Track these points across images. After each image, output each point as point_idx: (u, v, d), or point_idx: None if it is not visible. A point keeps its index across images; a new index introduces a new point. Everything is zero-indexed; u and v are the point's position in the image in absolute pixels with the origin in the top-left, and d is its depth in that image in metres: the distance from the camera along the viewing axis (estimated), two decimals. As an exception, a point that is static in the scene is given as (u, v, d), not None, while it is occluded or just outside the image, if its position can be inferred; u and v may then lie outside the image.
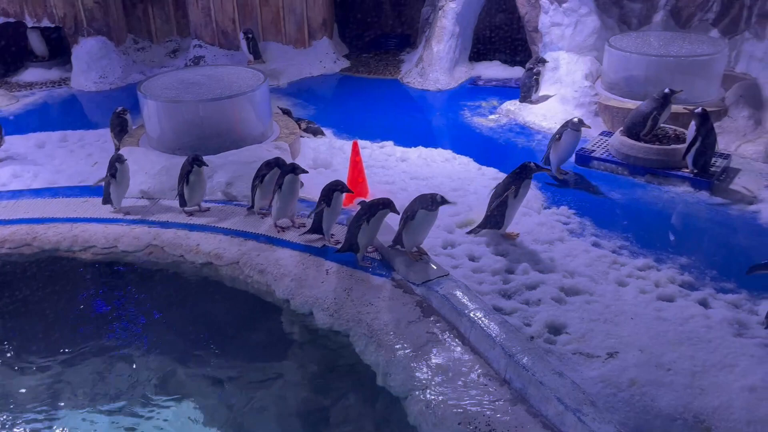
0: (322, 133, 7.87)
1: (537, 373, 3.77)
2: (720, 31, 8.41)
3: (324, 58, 10.73)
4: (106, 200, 6.14)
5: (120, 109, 7.45)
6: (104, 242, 5.74)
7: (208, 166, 5.99)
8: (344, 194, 5.39)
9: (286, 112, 8.15)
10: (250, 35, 10.36)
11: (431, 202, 4.82)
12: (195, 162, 5.88)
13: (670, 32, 8.47)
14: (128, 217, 6.04)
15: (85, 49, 10.37)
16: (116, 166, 5.94)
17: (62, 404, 4.28)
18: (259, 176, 5.77)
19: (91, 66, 10.30)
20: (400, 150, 7.37)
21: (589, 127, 6.84)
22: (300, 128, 7.72)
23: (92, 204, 6.32)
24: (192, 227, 5.83)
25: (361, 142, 6.71)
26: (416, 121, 8.69)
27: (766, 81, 7.48)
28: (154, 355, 4.64)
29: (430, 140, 7.69)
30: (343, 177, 6.10)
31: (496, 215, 5.35)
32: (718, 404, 3.69)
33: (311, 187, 6.03)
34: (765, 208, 5.85)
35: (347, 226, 5.24)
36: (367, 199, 5.96)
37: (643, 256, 5.19)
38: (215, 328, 4.93)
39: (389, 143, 7.56)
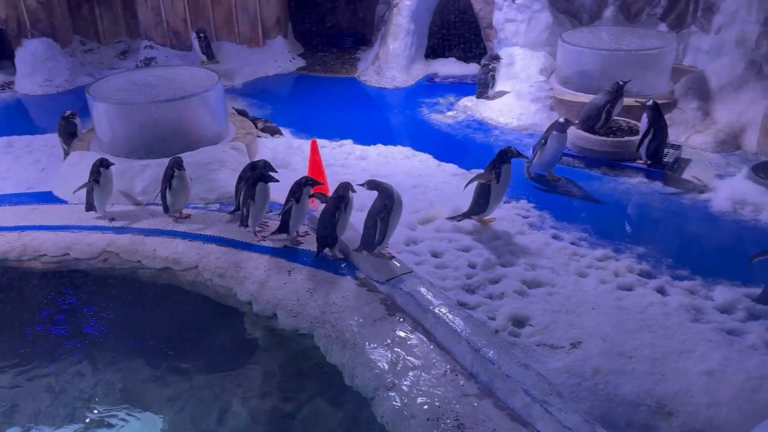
0: (280, 133, 7.77)
1: (503, 366, 3.78)
2: (668, 25, 8.63)
3: (279, 58, 10.61)
4: (90, 207, 5.92)
5: (68, 112, 7.20)
6: (55, 250, 5.54)
7: (185, 170, 5.74)
8: (312, 189, 5.33)
9: (242, 113, 8.02)
10: (203, 35, 10.17)
11: (387, 198, 4.82)
12: (176, 166, 5.66)
13: (620, 27, 8.65)
14: (114, 224, 5.85)
15: (29, 51, 10.01)
16: (100, 171, 5.73)
17: (12, 420, 4.10)
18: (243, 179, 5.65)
19: (36, 69, 9.95)
20: (359, 148, 7.34)
21: (576, 125, 6.78)
22: (257, 128, 7.61)
23: (41, 212, 6.10)
24: (148, 232, 5.68)
25: (319, 141, 6.65)
26: (375, 119, 8.67)
27: (713, 73, 7.70)
28: (111, 366, 4.48)
29: (389, 138, 7.68)
30: (303, 177, 6.03)
31: (481, 202, 5.42)
32: (678, 389, 3.77)
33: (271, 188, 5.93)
34: (716, 196, 6.02)
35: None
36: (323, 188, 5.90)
37: (601, 247, 5.28)
38: (175, 335, 4.80)
39: (348, 142, 7.51)
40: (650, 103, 6.43)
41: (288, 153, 7.09)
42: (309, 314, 4.59)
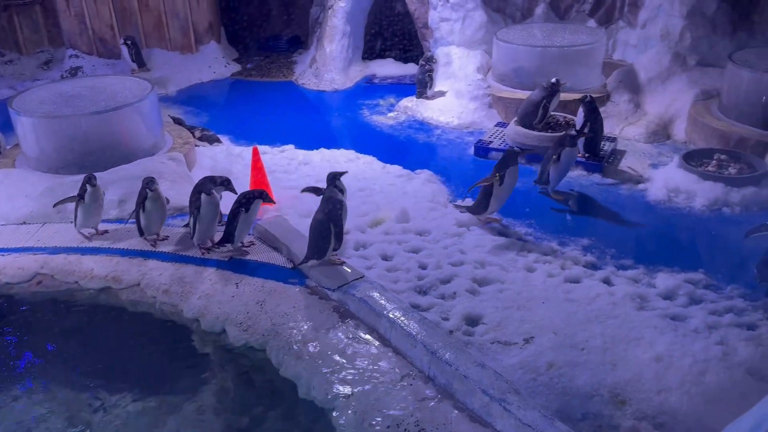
0: (219, 141, 7.58)
1: (460, 367, 3.78)
2: (596, 21, 8.89)
3: (213, 63, 10.36)
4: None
5: (-11, 128, 6.82)
6: (-17, 276, 5.21)
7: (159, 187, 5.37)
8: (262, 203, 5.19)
9: (178, 121, 7.78)
10: (131, 42, 9.81)
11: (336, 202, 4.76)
12: (149, 186, 5.26)
13: (552, 24, 8.85)
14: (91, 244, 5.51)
15: (-58, 65, 9.44)
16: (86, 187, 5.37)
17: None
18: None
19: (-49, 82, 9.39)
20: (301, 153, 7.24)
21: (591, 135, 6.45)
22: (194, 137, 7.40)
23: (-34, 235, 5.73)
24: (85, 251, 5.41)
25: (260, 148, 6.52)
26: (316, 123, 8.57)
27: (641, 66, 7.98)
28: (53, 395, 4.25)
29: (331, 141, 7.61)
30: (245, 184, 5.89)
31: (483, 202, 5.50)
32: (629, 377, 3.86)
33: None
34: (651, 186, 6.23)
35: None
36: (272, 206, 5.80)
37: (547, 241, 5.38)
38: (120, 358, 4.59)
39: (290, 147, 7.40)
40: (585, 97, 6.59)
41: (228, 161, 6.92)
42: (260, 327, 4.47)
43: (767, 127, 6.50)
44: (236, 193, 5.23)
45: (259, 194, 5.15)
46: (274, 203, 5.48)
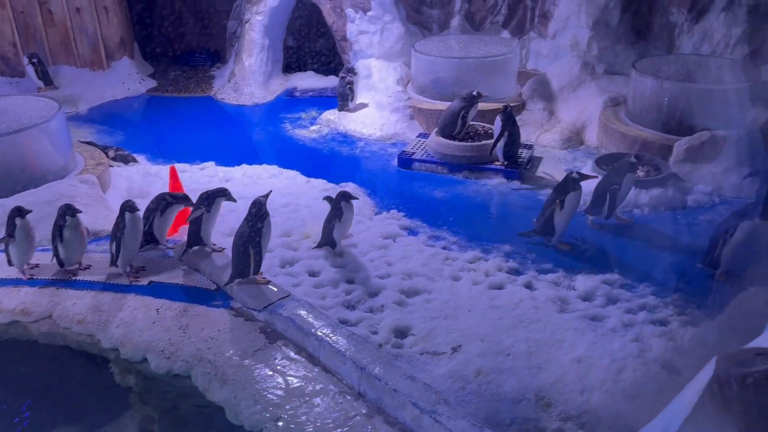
0: (134, 160, 7.32)
1: (390, 381, 3.78)
2: (510, 32, 9.19)
3: (127, 80, 10.00)
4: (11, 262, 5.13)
5: None
6: None
7: (81, 212, 5.06)
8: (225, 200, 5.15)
9: (89, 143, 7.45)
10: (36, 60, 9.33)
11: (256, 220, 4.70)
12: (68, 213, 4.93)
13: (468, 35, 9.08)
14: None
15: None
16: (15, 221, 4.92)
17: None
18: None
19: None
20: (222, 170, 7.08)
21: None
22: (108, 157, 7.10)
23: None
24: (-11, 283, 5.08)
25: (179, 166, 6.34)
26: (237, 139, 8.42)
27: (553, 75, 8.29)
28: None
29: (253, 157, 7.48)
30: (164, 205, 5.70)
31: (548, 226, 5.44)
32: (553, 379, 3.97)
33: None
34: (567, 190, 6.46)
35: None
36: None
37: (471, 249, 5.47)
38: (33, 394, 4.33)
39: (210, 164, 7.23)
40: (502, 106, 6.78)
41: (145, 181, 6.68)
42: (184, 353, 4.32)
43: (669, 131, 6.88)
44: (235, 201, 5.21)
45: (220, 192, 5.11)
46: (236, 201, 5.29)
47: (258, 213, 4.70)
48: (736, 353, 1.07)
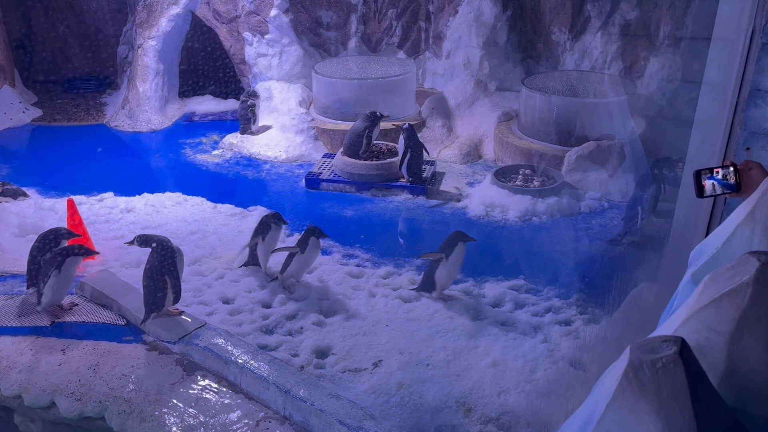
0: (25, 195, 6.88)
1: (315, 402, 3.80)
2: (405, 53, 9.49)
3: (9, 109, 9.39)
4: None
5: None
6: None
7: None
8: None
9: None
10: None
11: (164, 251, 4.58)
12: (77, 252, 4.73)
13: (365, 56, 9.29)
14: None
15: None
16: None
17: None
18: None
19: None
20: (123, 200, 6.81)
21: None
22: (-6, 193, 6.65)
23: None
24: None
25: (75, 198, 6.04)
26: (135, 167, 8.12)
27: (450, 93, 8.65)
28: None
29: (155, 185, 7.25)
30: (62, 241, 5.41)
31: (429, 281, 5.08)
32: (472, 385, 4.14)
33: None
34: (470, 203, 6.75)
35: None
36: (96, 260, 5.42)
37: (384, 265, 5.60)
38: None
39: (109, 194, 6.93)
40: (405, 125, 7.00)
41: (39, 216, 6.31)
42: (95, 394, 4.12)
43: (560, 143, 7.37)
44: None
45: (74, 250, 4.77)
46: (97, 254, 5.11)
47: (166, 245, 4.58)
48: (646, 341, 1.22)
